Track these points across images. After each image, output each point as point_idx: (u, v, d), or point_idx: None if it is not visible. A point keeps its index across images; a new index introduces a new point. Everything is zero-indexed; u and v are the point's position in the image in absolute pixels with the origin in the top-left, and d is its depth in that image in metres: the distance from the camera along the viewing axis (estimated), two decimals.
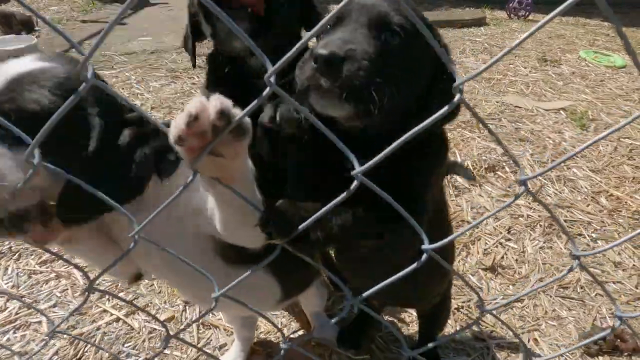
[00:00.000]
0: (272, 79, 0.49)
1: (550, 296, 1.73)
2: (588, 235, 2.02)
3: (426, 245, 0.63)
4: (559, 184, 2.37)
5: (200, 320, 1.63)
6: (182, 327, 1.59)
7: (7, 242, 1.94)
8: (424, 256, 0.63)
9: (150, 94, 3.41)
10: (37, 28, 4.96)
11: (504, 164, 2.54)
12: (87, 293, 0.75)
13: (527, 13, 5.83)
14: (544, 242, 1.99)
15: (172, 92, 3.44)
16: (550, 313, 1.66)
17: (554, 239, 2.02)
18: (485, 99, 3.45)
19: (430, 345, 0.83)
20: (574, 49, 4.72)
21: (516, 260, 1.89)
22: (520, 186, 0.56)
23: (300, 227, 0.65)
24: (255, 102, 0.51)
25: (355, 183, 0.58)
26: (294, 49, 0.48)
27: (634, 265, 1.87)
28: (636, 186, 2.37)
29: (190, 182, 0.58)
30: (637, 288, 1.76)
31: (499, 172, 2.47)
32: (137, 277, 1.01)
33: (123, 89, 3.47)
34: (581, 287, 1.76)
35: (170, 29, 5.00)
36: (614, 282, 1.79)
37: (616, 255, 1.91)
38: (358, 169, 0.56)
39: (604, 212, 2.17)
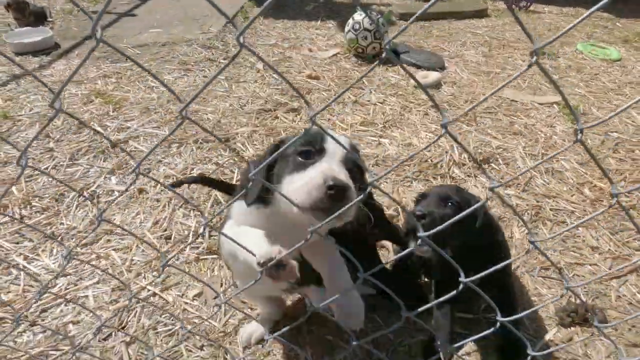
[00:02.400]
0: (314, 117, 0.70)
1: (533, 276, 1.96)
2: (570, 222, 2.24)
3: None
4: (548, 175, 2.58)
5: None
6: (233, 294, 1.82)
7: (49, 227, 2.16)
8: None
9: (164, 88, 3.59)
10: (49, 19, 5.11)
11: (498, 156, 2.74)
12: (162, 268, 0.97)
13: (529, 4, 5.94)
14: (531, 229, 2.21)
15: (185, 85, 3.62)
16: (532, 291, 1.89)
17: (540, 225, 2.23)
18: (483, 92, 3.63)
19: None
20: (572, 41, 4.86)
21: None
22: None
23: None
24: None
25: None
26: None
27: (609, 249, 2.09)
28: (618, 177, 2.58)
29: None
30: (610, 270, 1.99)
31: (492, 164, 2.67)
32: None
33: (138, 81, 3.65)
34: (560, 269, 1.99)
35: (179, 20, 5.15)
36: (590, 265, 2.01)
37: (594, 241, 2.13)
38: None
39: (587, 202, 2.38)
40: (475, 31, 5.12)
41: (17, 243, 2.07)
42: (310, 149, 1.00)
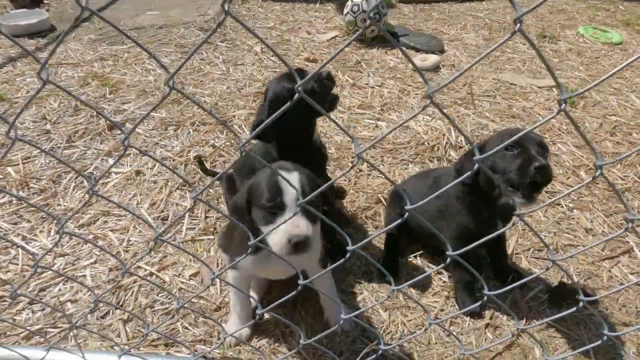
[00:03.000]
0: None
1: (527, 257, 1.98)
2: (565, 205, 2.25)
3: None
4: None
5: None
6: (220, 270, 1.84)
7: (47, 208, 2.18)
8: None
9: (162, 70, 3.57)
10: (45, 1, 5.05)
11: None
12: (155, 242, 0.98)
13: None
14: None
15: (183, 68, 3.59)
16: (527, 271, 1.91)
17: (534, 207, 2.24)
18: (482, 75, 3.60)
19: None
20: (574, 24, 4.81)
21: None
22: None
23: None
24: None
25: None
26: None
27: (603, 231, 2.10)
28: None
29: None
30: (602, 251, 2.00)
31: None
32: None
33: (135, 64, 3.63)
34: (555, 250, 2.01)
35: (175, 3, 5.08)
36: (583, 246, 2.02)
37: (588, 223, 2.15)
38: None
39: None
40: (476, 14, 5.06)
41: (15, 224, 2.09)
42: (273, 204, 1.25)
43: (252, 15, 4.81)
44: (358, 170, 2.50)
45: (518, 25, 0.59)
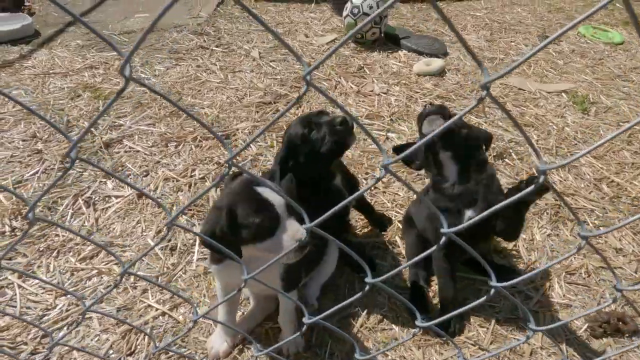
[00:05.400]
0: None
1: (560, 282, 1.89)
2: (591, 222, 2.17)
3: None
4: (564, 171, 2.50)
5: None
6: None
7: (44, 239, 2.01)
8: None
9: (157, 79, 3.39)
10: (27, 3, 4.79)
11: (511, 151, 2.65)
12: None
13: None
14: (551, 230, 2.14)
15: (178, 76, 3.42)
16: (562, 298, 1.82)
17: (560, 226, 2.16)
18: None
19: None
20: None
21: (526, 248, 2.04)
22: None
23: None
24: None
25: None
26: None
27: (633, 251, 2.03)
28: (635, 172, 2.51)
29: None
30: (636, 272, 1.93)
31: (507, 160, 2.58)
32: None
33: None
34: (587, 274, 1.92)
35: (165, 4, 4.86)
36: (615, 268, 1.95)
37: (617, 242, 2.07)
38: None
39: (606, 199, 2.31)
40: (475, 13, 4.97)
41: (10, 259, 1.93)
42: (271, 220, 1.31)
43: (246, 16, 4.62)
44: (373, 188, 2.39)
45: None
